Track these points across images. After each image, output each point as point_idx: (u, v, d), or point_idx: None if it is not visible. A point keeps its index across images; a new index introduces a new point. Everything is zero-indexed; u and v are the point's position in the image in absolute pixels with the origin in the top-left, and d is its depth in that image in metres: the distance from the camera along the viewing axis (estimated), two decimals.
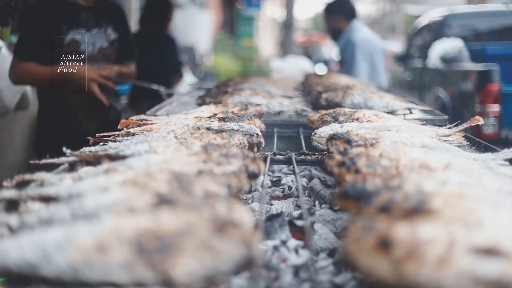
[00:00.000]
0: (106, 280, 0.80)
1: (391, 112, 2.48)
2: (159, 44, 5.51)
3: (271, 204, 1.71)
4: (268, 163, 1.72)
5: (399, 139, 1.60)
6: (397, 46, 15.91)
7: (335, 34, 5.35)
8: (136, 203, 0.96)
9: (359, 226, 0.91)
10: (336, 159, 1.35)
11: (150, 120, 2.10)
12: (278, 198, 1.90)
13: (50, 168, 1.46)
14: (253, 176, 1.30)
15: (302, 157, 1.87)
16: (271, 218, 1.42)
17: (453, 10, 7.43)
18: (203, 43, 9.99)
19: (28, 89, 3.59)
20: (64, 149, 1.50)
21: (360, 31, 5.12)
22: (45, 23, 3.00)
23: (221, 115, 1.99)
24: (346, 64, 5.11)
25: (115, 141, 1.69)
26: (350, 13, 5.22)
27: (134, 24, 8.18)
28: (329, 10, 5.36)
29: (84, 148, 1.60)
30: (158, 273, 0.79)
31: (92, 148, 1.61)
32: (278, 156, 1.85)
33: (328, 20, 5.38)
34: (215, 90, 2.98)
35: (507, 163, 1.46)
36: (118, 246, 0.81)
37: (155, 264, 0.79)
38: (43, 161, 1.47)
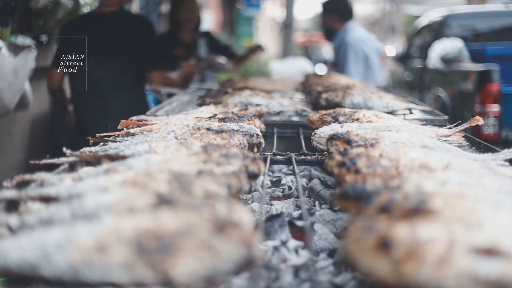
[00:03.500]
0: (106, 280, 0.80)
1: (391, 112, 2.48)
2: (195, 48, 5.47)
3: (271, 205, 1.71)
4: (268, 163, 1.72)
5: (399, 139, 1.60)
6: (397, 46, 15.91)
7: (329, 33, 5.35)
8: (136, 203, 0.96)
9: (359, 226, 0.91)
10: (336, 159, 1.35)
11: (150, 121, 2.10)
12: (278, 198, 1.90)
13: (50, 168, 1.46)
14: (253, 176, 1.30)
15: (302, 157, 1.87)
16: (271, 218, 1.42)
17: (453, 10, 7.44)
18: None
19: (28, 89, 3.59)
20: (64, 149, 1.50)
21: (354, 32, 5.10)
22: None
23: (221, 116, 1.99)
24: (339, 65, 5.11)
25: (115, 141, 1.69)
26: (345, 14, 5.20)
27: None
28: (325, 8, 5.35)
29: (84, 148, 1.60)
30: (158, 273, 0.79)
31: (92, 148, 1.61)
32: (278, 157, 1.85)
33: (323, 18, 5.38)
34: (215, 90, 2.98)
35: (507, 163, 1.46)
36: (118, 246, 0.81)
37: (155, 264, 0.79)
38: (43, 161, 1.47)
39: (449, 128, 1.94)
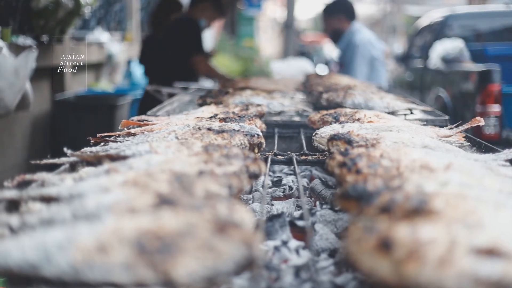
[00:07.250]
0: (107, 280, 0.80)
1: (392, 113, 2.48)
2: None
3: (272, 205, 1.71)
4: (269, 164, 1.72)
5: (400, 139, 1.60)
6: (398, 46, 15.91)
7: (335, 35, 5.33)
8: (137, 203, 0.96)
9: (360, 226, 0.91)
10: (337, 160, 1.35)
11: (151, 121, 2.10)
12: (279, 198, 1.90)
13: (51, 168, 1.46)
14: (254, 176, 1.30)
15: (303, 157, 1.86)
16: (272, 218, 1.42)
17: (454, 10, 7.44)
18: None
19: (29, 89, 3.59)
20: (65, 149, 1.50)
21: (362, 33, 5.10)
22: None
23: (222, 116, 1.99)
24: (345, 66, 5.11)
25: (116, 142, 1.69)
26: (351, 14, 5.21)
27: (135, 25, 8.17)
28: (330, 11, 5.34)
29: (85, 149, 1.60)
30: (159, 274, 0.79)
31: (93, 149, 1.61)
32: (279, 157, 1.85)
33: (328, 20, 5.36)
34: (216, 91, 2.98)
35: (508, 163, 1.46)
36: (119, 247, 0.81)
37: (156, 265, 0.79)
38: (44, 161, 1.47)
39: (450, 128, 1.94)
